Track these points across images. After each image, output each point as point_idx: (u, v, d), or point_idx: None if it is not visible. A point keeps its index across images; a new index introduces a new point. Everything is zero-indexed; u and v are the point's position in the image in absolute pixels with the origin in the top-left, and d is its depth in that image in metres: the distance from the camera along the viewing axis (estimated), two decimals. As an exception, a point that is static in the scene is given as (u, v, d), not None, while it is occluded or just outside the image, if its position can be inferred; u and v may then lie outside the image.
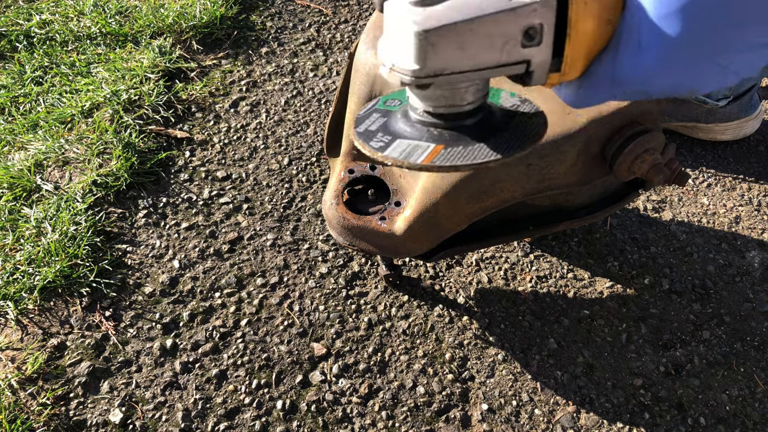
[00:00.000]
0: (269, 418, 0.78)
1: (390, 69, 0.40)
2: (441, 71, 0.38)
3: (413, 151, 0.44)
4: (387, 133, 0.47)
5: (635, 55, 0.36)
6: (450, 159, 0.43)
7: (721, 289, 0.92)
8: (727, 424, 0.78)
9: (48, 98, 1.17)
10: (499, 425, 0.78)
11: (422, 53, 0.37)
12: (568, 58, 0.39)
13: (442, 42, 0.37)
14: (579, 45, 0.38)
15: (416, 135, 0.46)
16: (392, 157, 0.44)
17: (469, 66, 0.38)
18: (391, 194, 0.75)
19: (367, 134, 0.47)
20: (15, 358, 0.82)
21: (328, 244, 0.97)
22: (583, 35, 0.38)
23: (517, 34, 0.37)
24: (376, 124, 0.49)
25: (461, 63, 0.38)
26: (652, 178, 0.68)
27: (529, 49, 0.38)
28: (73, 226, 0.95)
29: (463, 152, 0.43)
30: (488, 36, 0.37)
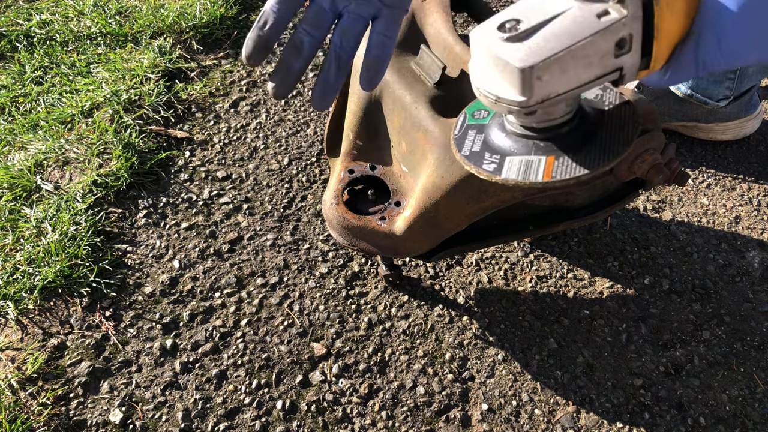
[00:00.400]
0: (269, 418, 0.78)
1: (496, 101, 0.42)
2: (547, 97, 0.40)
3: (529, 169, 0.45)
4: (492, 151, 0.48)
5: (717, 41, 0.39)
6: (567, 171, 0.44)
7: (721, 289, 0.92)
8: (727, 424, 0.78)
9: (48, 98, 1.17)
10: (499, 425, 0.78)
11: (529, 86, 0.39)
12: (655, 57, 0.40)
13: (546, 74, 0.38)
14: (664, 43, 0.40)
15: (522, 150, 0.47)
16: (512, 179, 0.45)
17: (571, 86, 0.40)
18: (391, 194, 0.75)
19: (474, 157, 0.48)
20: (15, 358, 0.82)
21: (328, 244, 0.97)
22: (667, 34, 0.40)
23: (610, 48, 0.39)
24: (476, 143, 0.49)
25: (564, 85, 0.40)
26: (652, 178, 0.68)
27: (621, 57, 0.40)
28: (73, 226, 0.95)
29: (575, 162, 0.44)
30: (586, 57, 0.39)
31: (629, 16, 0.38)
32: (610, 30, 0.38)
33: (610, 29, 0.38)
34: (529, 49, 0.38)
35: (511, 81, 0.40)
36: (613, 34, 0.38)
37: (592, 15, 0.38)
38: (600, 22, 0.38)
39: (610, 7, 0.38)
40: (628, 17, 0.38)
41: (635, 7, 0.37)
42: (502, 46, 0.39)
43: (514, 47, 0.39)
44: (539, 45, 0.38)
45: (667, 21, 0.39)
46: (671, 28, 0.40)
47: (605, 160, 0.44)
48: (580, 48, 0.38)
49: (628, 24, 0.38)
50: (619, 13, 0.38)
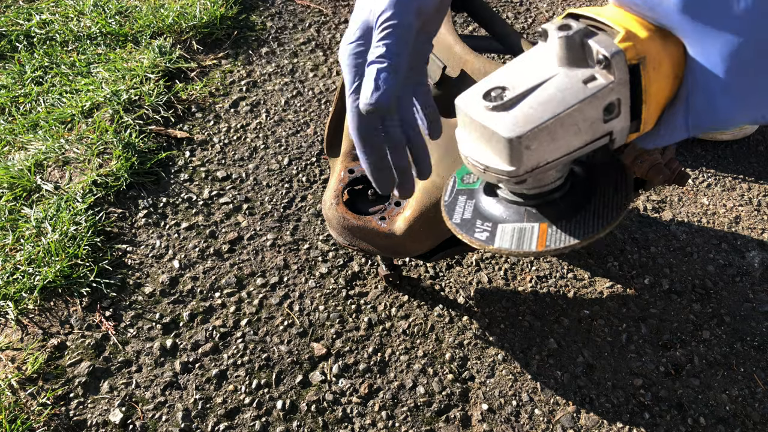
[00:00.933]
0: (269, 418, 0.78)
1: (484, 170, 0.41)
2: (536, 166, 0.39)
3: (522, 237, 0.45)
4: (483, 219, 0.48)
5: (706, 103, 0.39)
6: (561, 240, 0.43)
7: (721, 289, 0.92)
8: (727, 424, 0.78)
9: (48, 98, 1.17)
10: (499, 425, 0.78)
11: (517, 156, 0.38)
12: (645, 120, 0.40)
13: (535, 143, 0.38)
14: (653, 105, 0.40)
15: (514, 217, 0.46)
16: (505, 248, 0.44)
17: (561, 153, 0.39)
18: (391, 194, 0.75)
19: (466, 224, 0.48)
20: (15, 358, 0.82)
21: (328, 244, 0.97)
22: (656, 97, 0.39)
23: (599, 114, 0.38)
24: (467, 210, 0.49)
25: (554, 153, 0.39)
26: (652, 178, 0.68)
27: (610, 122, 0.39)
28: (73, 226, 0.95)
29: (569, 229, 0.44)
30: (574, 124, 0.38)
31: (616, 81, 0.37)
32: (598, 96, 0.37)
33: (598, 95, 0.37)
34: (516, 118, 0.38)
35: (499, 151, 0.39)
36: (600, 100, 0.38)
37: (579, 81, 0.38)
38: (587, 88, 0.37)
39: (596, 72, 0.37)
40: (615, 82, 0.37)
41: (622, 72, 0.37)
42: (488, 116, 0.39)
43: (501, 116, 0.38)
44: (526, 114, 0.38)
45: (654, 84, 0.39)
46: (659, 90, 0.39)
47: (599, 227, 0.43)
48: (568, 116, 0.37)
49: (615, 89, 0.38)
50: (606, 79, 0.37)
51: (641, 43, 0.37)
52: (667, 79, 0.39)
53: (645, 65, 0.37)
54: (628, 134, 0.41)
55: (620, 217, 0.44)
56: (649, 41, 0.38)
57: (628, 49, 0.37)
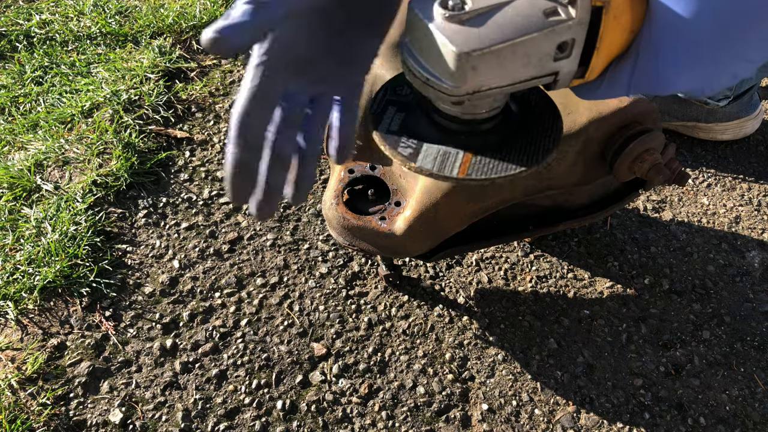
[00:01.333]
0: (269, 418, 0.78)
1: (424, 82, 0.39)
2: (478, 89, 0.38)
3: (445, 161, 0.44)
4: (411, 134, 0.46)
5: (654, 65, 0.38)
6: (484, 171, 0.43)
7: (721, 289, 0.92)
8: (727, 424, 0.78)
9: (48, 98, 1.17)
10: (499, 425, 0.78)
11: (462, 74, 0.37)
12: (592, 67, 0.40)
13: (483, 64, 0.37)
14: (604, 55, 0.39)
15: (441, 139, 0.45)
16: (426, 168, 0.43)
17: (505, 82, 0.38)
18: (391, 194, 0.75)
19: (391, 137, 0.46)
20: (15, 358, 0.82)
21: (328, 244, 0.97)
22: (608, 46, 0.39)
23: (551, 50, 0.38)
24: (395, 122, 0.47)
25: (498, 80, 0.38)
26: (652, 178, 0.68)
27: (559, 61, 0.39)
28: (73, 226, 0.95)
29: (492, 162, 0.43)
30: (526, 55, 0.37)
31: (576, 19, 0.36)
32: (555, 30, 0.37)
33: (555, 30, 0.36)
34: (469, 34, 0.36)
35: (444, 65, 0.37)
36: (556, 35, 0.37)
37: (540, 11, 0.37)
38: (546, 20, 0.36)
39: (559, 6, 0.37)
40: (574, 21, 0.36)
41: (584, 12, 0.36)
42: (442, 25, 0.37)
43: (455, 29, 0.36)
44: (480, 32, 0.36)
45: (611, 33, 0.38)
46: (614, 40, 0.39)
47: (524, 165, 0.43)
48: (521, 44, 0.36)
49: (573, 28, 0.37)
50: (566, 15, 0.36)
51: None
52: (623, 32, 0.38)
53: (608, 10, 0.36)
54: (572, 78, 0.40)
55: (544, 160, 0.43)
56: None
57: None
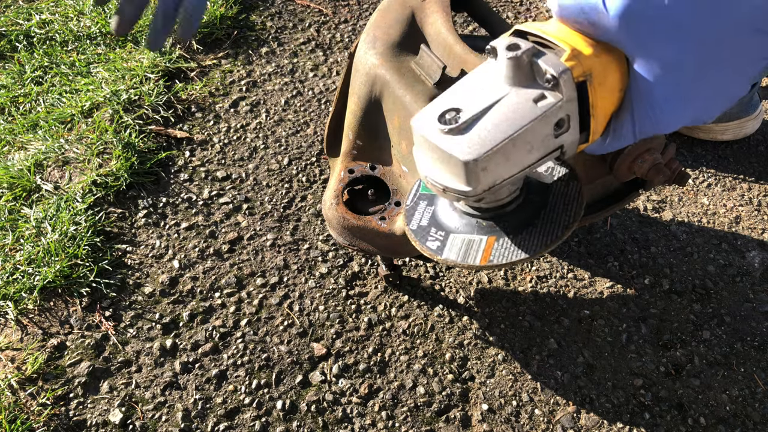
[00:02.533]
0: (269, 418, 0.78)
1: (443, 190, 0.42)
2: (492, 185, 0.41)
3: (469, 250, 0.46)
4: (438, 227, 0.49)
5: (650, 112, 0.40)
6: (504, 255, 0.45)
7: (721, 289, 0.92)
8: (728, 425, 0.78)
9: (48, 98, 1.17)
10: (499, 425, 0.78)
11: (474, 178, 0.40)
12: (593, 131, 0.42)
13: (491, 164, 0.39)
14: (601, 118, 0.41)
15: (466, 229, 0.48)
16: (451, 259, 0.46)
17: (515, 171, 0.41)
18: (391, 194, 0.75)
19: (421, 231, 0.49)
20: (15, 358, 0.82)
21: (328, 244, 0.97)
22: (603, 110, 0.41)
23: (550, 131, 0.40)
24: (425, 216, 0.51)
25: (509, 171, 0.40)
26: (652, 178, 0.68)
27: (561, 136, 0.41)
28: (73, 226, 0.95)
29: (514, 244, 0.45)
30: (527, 143, 0.39)
31: (565, 99, 0.38)
32: (548, 114, 0.39)
33: (548, 114, 0.38)
34: (471, 141, 0.39)
35: (456, 173, 0.40)
36: (551, 118, 0.39)
37: (529, 101, 0.39)
38: (537, 107, 0.38)
39: (545, 91, 0.39)
40: (563, 100, 0.38)
41: (570, 90, 0.38)
42: (443, 139, 0.40)
43: (456, 140, 0.39)
44: (481, 137, 0.39)
45: (600, 98, 0.40)
46: (605, 103, 0.41)
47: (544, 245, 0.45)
48: (520, 136, 0.39)
49: (564, 106, 0.39)
50: (555, 97, 0.38)
51: (587, 60, 0.39)
52: (612, 92, 0.41)
53: (591, 81, 0.39)
54: (578, 145, 0.43)
55: (564, 236, 0.45)
56: (594, 57, 0.39)
57: (575, 67, 0.38)
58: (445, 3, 0.76)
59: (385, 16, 0.77)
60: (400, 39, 0.75)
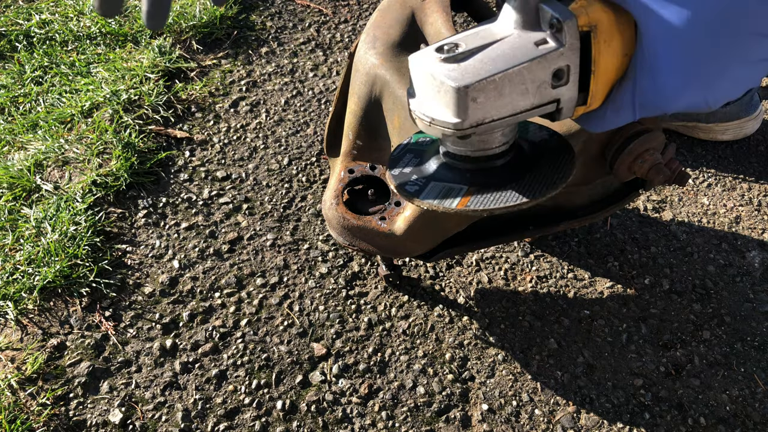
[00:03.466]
0: (269, 418, 0.78)
1: (430, 123, 0.42)
2: (481, 121, 0.40)
3: (447, 195, 0.45)
4: (420, 175, 0.48)
5: (653, 82, 0.39)
6: (483, 203, 0.44)
7: (721, 289, 0.92)
8: (728, 425, 0.77)
9: (48, 98, 1.17)
10: (499, 425, 0.77)
11: (463, 107, 0.39)
12: (592, 92, 0.41)
13: (482, 95, 0.38)
14: (602, 79, 0.40)
15: (449, 177, 0.47)
16: (427, 202, 0.45)
17: (507, 113, 0.40)
18: (391, 194, 0.75)
19: (402, 177, 0.49)
20: (15, 358, 0.82)
21: (328, 244, 0.97)
22: (605, 71, 0.40)
23: (547, 77, 0.39)
24: (409, 165, 0.50)
25: (500, 111, 0.40)
26: (652, 178, 0.68)
27: (558, 89, 0.40)
28: (72, 226, 0.95)
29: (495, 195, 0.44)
30: (522, 83, 0.39)
31: (566, 46, 0.38)
32: (547, 58, 0.38)
33: (547, 57, 0.38)
34: (465, 69, 0.38)
35: (446, 102, 0.40)
36: (549, 63, 0.38)
37: (530, 42, 0.39)
38: (537, 49, 0.38)
39: (548, 36, 0.38)
40: (565, 47, 0.38)
41: (573, 39, 0.38)
42: (438, 66, 0.39)
43: (451, 67, 0.39)
44: (476, 66, 0.38)
45: (604, 57, 0.39)
46: (608, 64, 0.40)
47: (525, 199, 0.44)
48: (516, 73, 0.38)
49: (565, 54, 0.38)
50: (556, 43, 0.38)
51: (594, 11, 0.38)
52: (617, 55, 0.40)
53: (596, 34, 0.38)
54: (575, 106, 0.42)
55: (546, 195, 0.44)
56: (601, 11, 0.38)
57: (580, 16, 0.37)
58: (445, 3, 0.76)
59: (385, 16, 0.76)
60: (400, 39, 0.75)
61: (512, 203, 0.44)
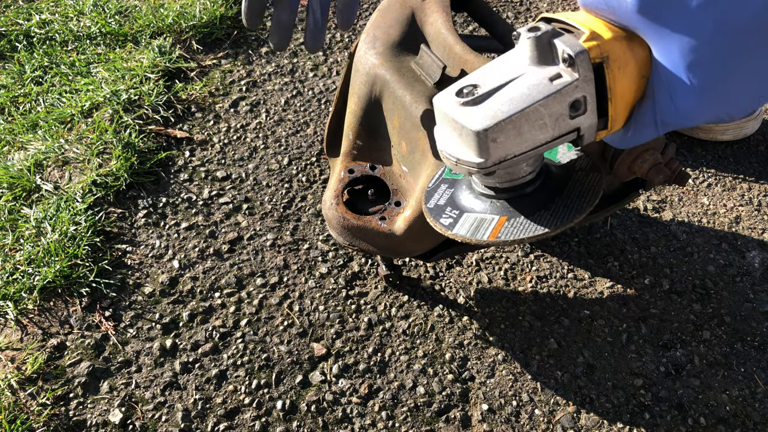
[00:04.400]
0: (269, 418, 0.78)
1: (456, 163, 0.44)
2: (503, 159, 0.41)
3: (479, 227, 0.47)
4: (454, 207, 0.50)
5: (671, 101, 0.40)
6: (513, 233, 0.45)
7: (721, 289, 0.92)
8: (728, 425, 0.77)
9: (48, 98, 1.17)
10: (499, 425, 0.78)
11: (485, 148, 0.41)
12: (612, 117, 0.42)
13: (501, 135, 0.40)
14: (620, 104, 0.41)
15: (481, 208, 0.49)
16: (460, 235, 0.47)
17: (527, 147, 0.41)
18: (391, 194, 0.75)
19: (437, 210, 0.51)
20: (15, 358, 0.82)
21: (328, 244, 0.97)
22: (622, 95, 0.41)
23: (565, 110, 0.40)
24: (444, 197, 0.52)
25: (520, 147, 0.41)
26: (652, 178, 0.68)
27: (577, 119, 0.41)
28: (72, 226, 0.95)
29: (524, 224, 0.46)
30: (540, 119, 0.40)
31: (581, 78, 0.39)
32: (562, 92, 0.39)
33: (562, 92, 0.39)
34: (484, 112, 0.40)
35: (468, 144, 0.41)
36: (565, 96, 0.40)
37: (545, 79, 0.40)
38: (552, 85, 0.39)
39: (562, 70, 0.40)
40: (579, 80, 0.39)
41: (586, 71, 0.39)
42: (459, 111, 0.41)
43: (470, 111, 0.41)
44: (494, 109, 0.40)
45: (619, 83, 0.40)
46: (625, 89, 0.41)
47: (553, 226, 0.45)
48: (533, 110, 0.39)
49: (580, 86, 0.39)
50: (570, 76, 0.39)
51: (605, 43, 0.39)
52: (633, 79, 0.41)
53: (608, 64, 0.39)
54: (596, 131, 0.43)
55: (574, 221, 0.45)
56: (614, 41, 0.39)
57: (592, 49, 0.39)
58: (445, 3, 0.76)
59: (385, 16, 0.77)
60: (400, 39, 0.75)
61: (540, 233, 0.45)
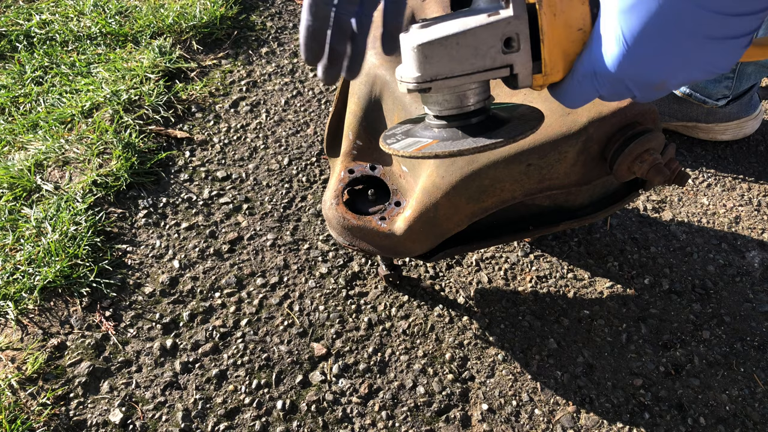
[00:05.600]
0: (269, 418, 0.78)
1: (400, 80, 0.48)
2: (436, 76, 0.46)
3: (412, 145, 0.51)
4: (406, 134, 0.55)
5: (605, 48, 0.42)
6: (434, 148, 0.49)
7: (721, 289, 0.92)
8: (727, 424, 0.78)
9: (48, 98, 1.17)
10: (499, 425, 0.78)
11: (419, 63, 0.46)
12: (545, 60, 0.45)
13: (434, 53, 0.45)
14: (553, 48, 0.45)
15: (425, 134, 0.53)
16: (394, 148, 0.51)
17: (459, 71, 0.46)
18: (391, 194, 0.75)
19: (390, 134, 0.56)
20: (15, 358, 0.82)
21: (328, 244, 0.97)
22: (555, 40, 0.45)
23: (497, 43, 0.45)
24: (400, 130, 0.57)
25: (452, 69, 0.46)
26: (652, 178, 0.68)
27: (509, 54, 0.45)
28: (73, 226, 0.95)
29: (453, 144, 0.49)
30: (472, 46, 0.45)
31: (513, 15, 0.43)
32: (494, 25, 0.44)
33: (495, 24, 0.44)
34: (424, 32, 0.45)
35: (408, 61, 0.46)
36: (497, 29, 0.44)
37: (483, 14, 0.45)
38: (487, 18, 0.44)
39: (501, 9, 0.44)
40: (512, 17, 0.43)
41: (519, 9, 0.43)
42: (411, 33, 0.46)
43: (416, 32, 0.46)
44: (432, 29, 0.45)
45: (554, 29, 0.44)
46: (561, 36, 0.44)
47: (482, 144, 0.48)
48: (465, 36, 0.44)
49: (512, 23, 0.43)
50: (505, 13, 0.44)
51: None
52: (569, 28, 0.44)
53: (542, 5, 0.43)
54: (531, 73, 0.46)
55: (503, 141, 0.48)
56: None
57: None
58: (445, 3, 0.76)
59: (385, 16, 0.76)
60: None
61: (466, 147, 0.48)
